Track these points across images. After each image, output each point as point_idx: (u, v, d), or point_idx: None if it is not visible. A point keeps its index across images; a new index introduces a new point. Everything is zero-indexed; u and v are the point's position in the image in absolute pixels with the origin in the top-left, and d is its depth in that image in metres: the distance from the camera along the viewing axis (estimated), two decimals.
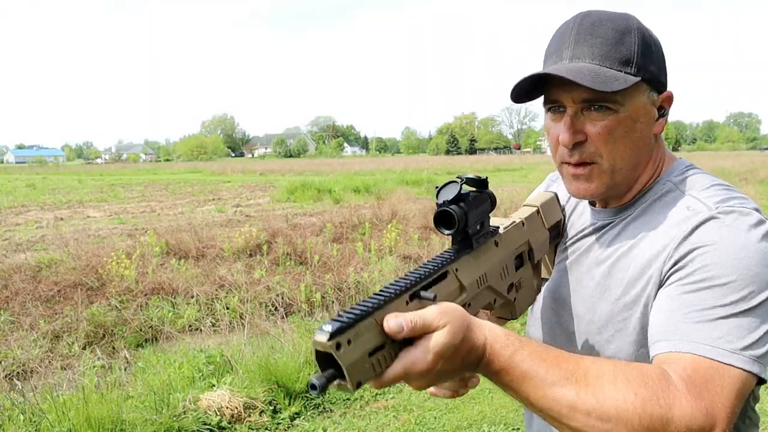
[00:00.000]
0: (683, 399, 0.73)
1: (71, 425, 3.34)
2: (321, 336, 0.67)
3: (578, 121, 0.98)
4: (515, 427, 3.80)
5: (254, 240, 8.59)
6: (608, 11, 1.01)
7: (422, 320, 0.72)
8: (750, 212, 0.91)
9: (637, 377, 0.74)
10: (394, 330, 0.70)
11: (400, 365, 0.71)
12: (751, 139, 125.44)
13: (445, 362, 0.73)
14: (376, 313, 0.72)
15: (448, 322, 0.72)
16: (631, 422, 0.71)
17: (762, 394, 3.98)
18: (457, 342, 0.73)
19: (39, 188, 26.90)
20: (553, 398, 0.74)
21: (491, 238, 0.99)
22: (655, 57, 0.99)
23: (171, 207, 17.10)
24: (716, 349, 0.79)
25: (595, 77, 0.93)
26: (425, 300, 0.78)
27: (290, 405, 3.98)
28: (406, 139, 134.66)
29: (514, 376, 0.75)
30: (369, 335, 0.70)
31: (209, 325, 5.63)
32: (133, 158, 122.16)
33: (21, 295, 6.48)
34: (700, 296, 0.84)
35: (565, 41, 1.00)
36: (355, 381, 0.68)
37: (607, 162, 0.99)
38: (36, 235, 11.44)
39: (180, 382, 3.99)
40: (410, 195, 16.90)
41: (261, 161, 76.52)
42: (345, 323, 0.68)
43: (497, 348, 0.76)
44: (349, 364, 0.67)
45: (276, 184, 25.18)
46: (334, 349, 0.66)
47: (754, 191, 15.72)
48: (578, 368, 0.76)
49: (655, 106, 1.01)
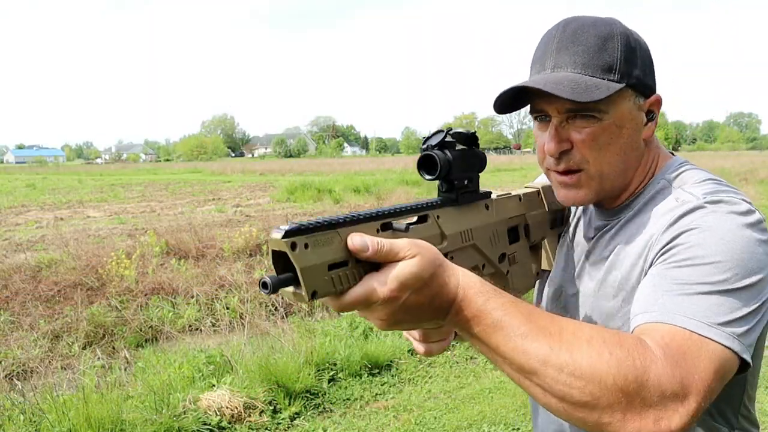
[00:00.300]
0: (659, 364, 0.71)
1: (71, 425, 3.34)
2: (276, 233, 0.64)
3: (563, 130, 0.99)
4: (515, 427, 3.80)
5: (254, 240, 8.59)
6: (592, 17, 1.00)
7: (390, 246, 0.69)
8: (738, 202, 0.91)
9: (614, 339, 0.72)
10: (358, 247, 0.68)
11: (363, 288, 0.68)
12: (751, 139, 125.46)
13: (412, 295, 0.70)
14: (341, 229, 0.69)
15: (418, 254, 0.70)
16: (604, 381, 0.69)
17: (762, 394, 3.98)
18: (426, 276, 0.70)
19: (39, 188, 26.90)
20: (524, 351, 0.71)
21: (482, 200, 0.98)
22: (640, 62, 0.98)
23: (171, 207, 17.09)
24: (695, 321, 0.77)
25: (574, 87, 0.92)
26: (397, 231, 0.76)
27: (290, 405, 3.98)
28: (406, 139, 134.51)
29: (485, 326, 0.72)
30: (331, 248, 0.67)
31: (209, 325, 5.63)
32: (133, 158, 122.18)
33: (21, 295, 6.48)
34: (683, 272, 0.83)
35: (548, 50, 1.00)
36: (311, 290, 0.65)
37: (594, 168, 0.99)
38: (36, 235, 11.44)
39: (180, 382, 3.99)
40: (410, 195, 16.90)
41: (261, 161, 76.52)
42: (304, 226, 0.65)
43: (471, 294, 0.73)
44: (303, 268, 0.64)
45: (276, 184, 25.17)
46: (288, 247, 0.63)
47: (754, 191, 15.73)
48: (553, 324, 0.73)
49: (643, 111, 1.00)
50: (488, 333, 0.73)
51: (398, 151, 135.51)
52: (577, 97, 0.91)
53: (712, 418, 0.97)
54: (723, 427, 0.97)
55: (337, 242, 0.68)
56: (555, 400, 0.72)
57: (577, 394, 0.70)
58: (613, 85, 0.94)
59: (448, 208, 0.90)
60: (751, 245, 0.85)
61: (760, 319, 0.83)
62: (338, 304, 0.69)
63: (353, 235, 0.69)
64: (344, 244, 0.69)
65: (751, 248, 0.85)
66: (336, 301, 0.69)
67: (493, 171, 33.33)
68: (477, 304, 0.73)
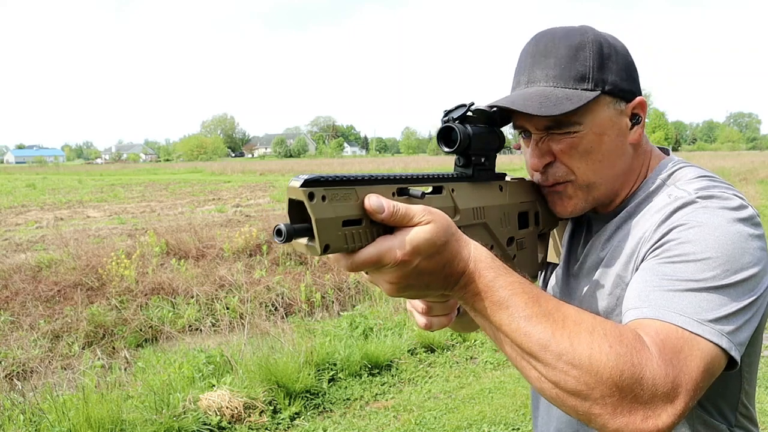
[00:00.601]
0: (654, 363, 0.71)
1: (71, 425, 3.34)
2: (295, 182, 0.64)
3: (543, 144, 0.99)
4: (515, 427, 3.80)
5: (254, 240, 8.59)
6: (565, 27, 1.00)
7: (405, 210, 0.70)
8: (730, 197, 0.91)
9: (614, 333, 0.72)
10: (374, 208, 0.68)
11: (375, 248, 0.68)
12: (751, 139, 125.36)
13: (424, 261, 0.70)
14: (359, 187, 0.69)
15: (432, 221, 0.70)
16: (600, 374, 0.69)
17: (762, 393, 3.97)
18: (439, 243, 0.70)
19: (39, 188, 26.90)
20: (526, 333, 0.71)
21: (496, 180, 0.98)
22: (616, 67, 0.98)
23: (171, 207, 17.09)
24: (685, 317, 0.77)
25: (543, 102, 0.93)
26: (413, 197, 0.76)
27: (290, 405, 3.98)
28: (406, 139, 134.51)
29: (491, 302, 0.73)
30: (347, 204, 0.67)
31: (209, 325, 5.63)
32: (133, 158, 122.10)
33: (21, 295, 6.48)
34: (673, 268, 0.83)
35: (523, 66, 1.01)
36: (324, 242, 0.65)
37: (581, 178, 1.00)
38: (36, 235, 11.44)
39: (180, 382, 3.99)
40: None
41: (261, 161, 76.50)
42: (323, 178, 0.65)
43: (481, 267, 0.73)
44: (318, 219, 0.64)
45: (276, 184, 25.18)
46: (306, 197, 0.63)
47: (754, 191, 15.72)
48: (558, 310, 0.74)
49: (626, 116, 1.00)
50: (493, 310, 0.73)
51: (398, 151, 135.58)
52: (545, 111, 0.91)
53: (710, 416, 0.97)
54: (721, 425, 0.97)
55: (354, 199, 0.68)
56: (549, 385, 0.72)
57: (572, 382, 0.70)
58: (587, 94, 0.94)
59: (464, 183, 0.89)
60: (742, 240, 0.85)
61: (753, 314, 0.83)
62: (350, 262, 0.69)
63: (370, 196, 0.69)
64: (361, 203, 0.69)
65: (742, 243, 0.84)
66: (348, 258, 0.69)
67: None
68: (486, 278, 0.73)
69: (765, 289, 0.86)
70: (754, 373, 1.01)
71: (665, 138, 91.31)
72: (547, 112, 0.91)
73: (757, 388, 1.04)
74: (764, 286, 0.85)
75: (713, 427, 0.97)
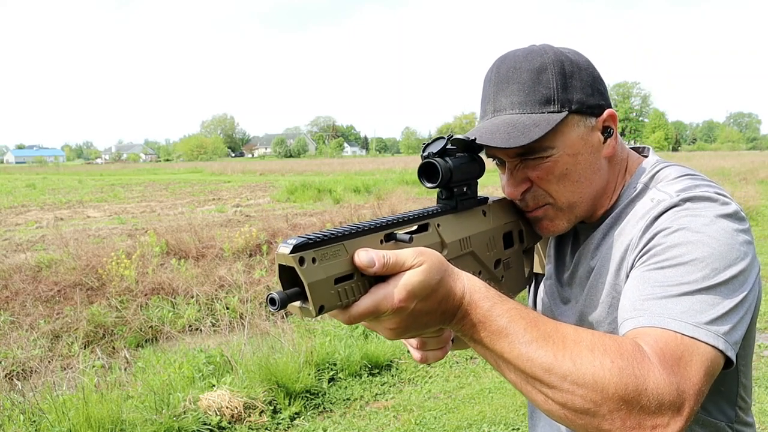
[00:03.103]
0: (657, 372, 0.72)
1: (71, 425, 3.34)
2: (284, 248, 0.64)
3: (518, 171, 1.00)
4: (515, 427, 3.80)
5: (254, 240, 8.59)
6: (524, 50, 0.99)
7: (396, 257, 0.70)
8: (712, 195, 0.90)
9: (614, 347, 0.73)
10: (365, 263, 0.68)
11: (370, 299, 0.68)
12: (751, 139, 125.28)
13: (420, 303, 0.70)
14: (346, 241, 0.69)
15: (425, 261, 0.70)
16: (606, 390, 0.70)
17: (762, 393, 3.97)
18: (433, 283, 0.70)
19: (39, 188, 26.89)
20: (529, 358, 0.72)
21: (479, 206, 0.98)
22: (581, 84, 0.97)
23: (171, 207, 17.09)
24: (681, 322, 0.78)
25: (510, 132, 0.92)
26: (401, 242, 0.76)
27: (290, 405, 3.98)
28: (406, 139, 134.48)
29: (490, 331, 0.73)
30: (337, 261, 0.67)
31: (209, 325, 5.63)
32: (133, 158, 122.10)
33: (21, 295, 6.48)
34: (664, 274, 0.84)
35: (487, 95, 1.00)
36: (318, 304, 0.65)
37: (560, 201, 1.00)
38: (36, 235, 11.44)
39: (180, 382, 3.99)
40: (410, 195, 16.90)
41: (261, 161, 76.47)
42: (311, 240, 0.65)
43: (476, 298, 0.74)
44: (311, 282, 0.64)
45: (276, 184, 25.17)
46: (296, 262, 0.63)
47: (755, 191, 15.70)
48: (557, 331, 0.74)
49: (598, 130, 0.99)
50: (493, 339, 0.73)
51: (398, 151, 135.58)
52: (514, 142, 0.91)
53: (708, 415, 0.97)
54: (721, 422, 0.98)
55: (343, 255, 0.68)
56: (557, 407, 0.73)
57: (579, 401, 0.71)
58: (554, 116, 0.94)
59: (448, 216, 0.90)
60: (727, 236, 0.85)
61: (746, 311, 0.83)
62: (346, 316, 0.69)
63: (359, 252, 0.69)
64: (350, 258, 0.68)
65: (728, 240, 0.85)
66: (344, 313, 0.69)
67: (492, 171, 33.14)
68: (483, 309, 0.73)
69: (754, 281, 0.87)
70: (750, 364, 1.01)
71: (665, 138, 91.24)
72: (516, 143, 0.91)
73: (757, 389, 1.05)
74: (753, 279, 0.86)
75: (711, 426, 0.97)
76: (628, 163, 1.06)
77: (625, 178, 1.05)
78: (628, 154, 1.07)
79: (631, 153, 1.08)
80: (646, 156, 1.10)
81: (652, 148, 1.13)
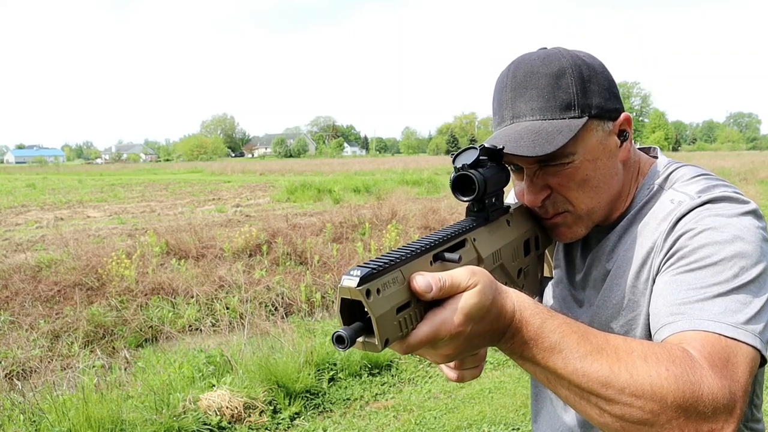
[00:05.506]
0: (709, 377, 0.72)
1: (71, 425, 3.34)
2: (349, 281, 0.59)
3: (538, 178, 0.98)
4: (515, 427, 3.80)
5: (254, 240, 8.59)
6: (539, 53, 0.98)
7: (451, 279, 0.67)
8: (731, 195, 0.91)
9: (665, 355, 0.72)
10: (423, 289, 0.66)
11: (429, 326, 0.66)
12: (751, 139, 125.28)
13: (476, 325, 0.68)
14: (403, 267, 0.66)
15: (478, 282, 0.68)
16: (664, 399, 0.69)
17: (766, 393, 3.98)
18: (488, 303, 0.68)
19: (39, 188, 26.89)
20: (584, 373, 0.70)
21: (504, 216, 0.95)
22: (598, 88, 0.96)
23: (171, 207, 17.09)
24: (721, 324, 0.78)
25: (535, 139, 0.90)
26: (450, 261, 0.73)
27: (290, 405, 3.98)
28: (406, 139, 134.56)
29: (542, 348, 0.71)
30: (396, 290, 0.63)
31: (209, 325, 5.63)
32: (133, 158, 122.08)
33: (21, 295, 6.48)
34: (695, 276, 0.84)
35: (503, 100, 0.98)
36: (384, 338, 0.61)
37: (580, 208, 0.99)
38: (36, 235, 11.43)
39: (180, 382, 3.99)
40: (410, 195, 16.91)
41: (261, 161, 76.47)
42: (375, 269, 0.61)
43: (527, 315, 0.72)
44: (379, 316, 0.60)
45: (276, 184, 25.16)
46: (363, 296, 0.59)
47: (755, 191, 15.71)
48: (608, 343, 0.72)
49: (614, 134, 0.98)
50: (545, 356, 0.72)
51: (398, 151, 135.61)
52: (540, 150, 0.88)
53: None
54: None
55: (401, 282, 0.65)
56: (612, 419, 0.72)
57: (637, 413, 0.70)
58: (576, 122, 0.92)
59: (481, 229, 0.87)
60: (751, 234, 0.86)
61: None
62: (405, 346, 0.66)
63: (416, 277, 0.66)
64: (407, 285, 0.65)
65: (752, 237, 0.85)
66: (402, 343, 0.66)
67: None
68: (534, 326, 0.72)
69: None
70: None
71: (665, 138, 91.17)
72: (542, 150, 0.88)
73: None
74: None
75: None
76: (641, 165, 1.06)
77: (639, 180, 1.04)
78: (640, 156, 1.07)
79: (642, 155, 1.08)
80: (655, 156, 1.10)
81: (660, 149, 1.13)
